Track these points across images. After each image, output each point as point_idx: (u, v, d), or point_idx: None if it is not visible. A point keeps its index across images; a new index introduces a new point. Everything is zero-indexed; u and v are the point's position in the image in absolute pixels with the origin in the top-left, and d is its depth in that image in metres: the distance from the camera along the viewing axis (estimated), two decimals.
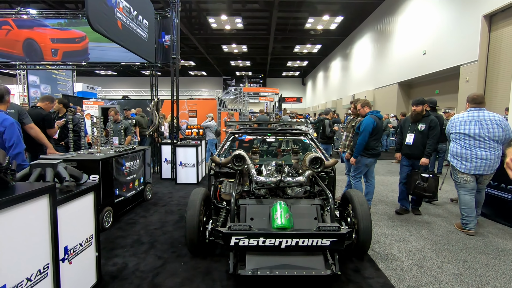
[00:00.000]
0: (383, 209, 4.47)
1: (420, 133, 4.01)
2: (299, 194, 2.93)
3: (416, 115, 4.10)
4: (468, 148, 3.41)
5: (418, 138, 4.02)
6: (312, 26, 17.19)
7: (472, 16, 8.38)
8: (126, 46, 4.54)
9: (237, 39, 20.01)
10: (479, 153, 3.35)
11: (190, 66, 28.66)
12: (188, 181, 6.07)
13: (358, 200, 2.77)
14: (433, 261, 2.85)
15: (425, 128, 3.98)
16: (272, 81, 33.92)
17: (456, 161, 3.51)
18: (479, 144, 3.35)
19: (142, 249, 3.05)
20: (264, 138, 4.41)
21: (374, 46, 15.80)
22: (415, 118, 4.11)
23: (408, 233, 3.53)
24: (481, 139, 3.34)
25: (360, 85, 17.54)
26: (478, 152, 3.35)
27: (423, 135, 3.98)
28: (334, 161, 3.24)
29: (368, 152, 4.13)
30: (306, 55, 24.82)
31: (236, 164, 2.95)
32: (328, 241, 2.25)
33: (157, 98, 7.11)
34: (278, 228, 2.32)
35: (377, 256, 2.94)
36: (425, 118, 4.03)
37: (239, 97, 12.95)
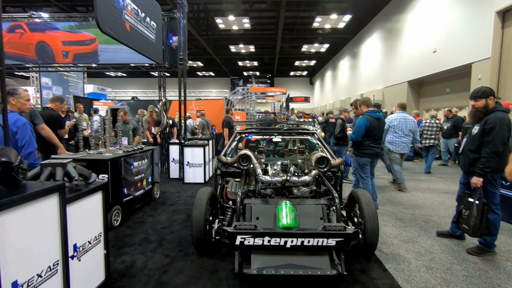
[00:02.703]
0: (391, 209, 4.41)
1: (471, 138, 2.93)
2: (305, 193, 2.92)
3: (475, 113, 2.95)
4: (398, 137, 5.29)
5: (469, 144, 2.99)
6: (320, 25, 17.06)
7: (485, 12, 8.18)
8: (134, 47, 4.61)
9: (244, 39, 20.05)
10: (404, 139, 5.28)
11: (198, 66, 28.86)
12: (195, 181, 6.12)
13: (365, 200, 2.74)
14: (442, 262, 2.80)
15: (478, 131, 2.85)
16: (280, 81, 33.84)
17: (391, 145, 5.35)
18: (403, 134, 5.26)
19: (150, 248, 3.09)
20: (270, 138, 4.41)
21: (383, 44, 15.59)
22: (474, 117, 2.99)
23: (417, 234, 3.47)
24: (405, 131, 5.25)
25: (369, 84, 17.32)
26: (403, 139, 5.28)
27: (474, 140, 2.88)
28: (341, 161, 3.22)
29: (362, 151, 4.08)
30: (314, 55, 24.66)
31: (242, 164, 2.96)
32: (333, 241, 2.24)
33: (165, 98, 7.19)
34: (283, 228, 2.32)
35: (384, 256, 2.91)
36: (488, 117, 2.81)
37: (246, 97, 12.97)
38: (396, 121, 5.28)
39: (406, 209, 4.42)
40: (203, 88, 32.48)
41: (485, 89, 2.88)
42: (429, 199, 5.00)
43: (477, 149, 2.85)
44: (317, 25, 17.03)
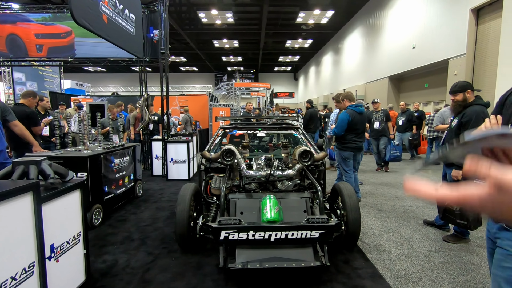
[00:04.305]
0: (373, 201, 4.54)
1: (450, 130, 3.05)
2: (289, 187, 2.94)
3: (454, 107, 3.01)
4: None
5: (448, 137, 3.11)
6: (303, 20, 17.13)
7: (460, 9, 8.47)
8: (113, 40, 4.45)
9: (228, 34, 19.84)
10: None
11: (181, 61, 28.34)
12: (179, 177, 6.04)
13: (347, 193, 2.80)
14: (421, 250, 2.91)
15: (456, 124, 2.92)
16: (264, 76, 33.81)
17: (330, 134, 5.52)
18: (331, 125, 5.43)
19: (133, 246, 3.03)
20: (254, 133, 4.40)
21: (364, 40, 15.86)
22: (454, 111, 3.05)
23: (397, 224, 3.59)
24: None
25: (352, 79, 17.63)
26: None
27: (452, 133, 2.98)
28: (324, 154, 3.27)
29: (345, 145, 4.16)
30: (297, 50, 24.77)
31: (226, 159, 2.94)
32: (317, 233, 2.27)
33: (147, 94, 7.02)
34: (267, 222, 2.33)
35: (366, 247, 2.99)
36: (466, 110, 2.87)
37: (230, 92, 12.88)
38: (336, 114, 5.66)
39: (386, 200, 4.56)
40: (187, 84, 31.97)
41: (462, 83, 2.97)
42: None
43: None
44: (301, 20, 17.09)
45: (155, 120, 7.28)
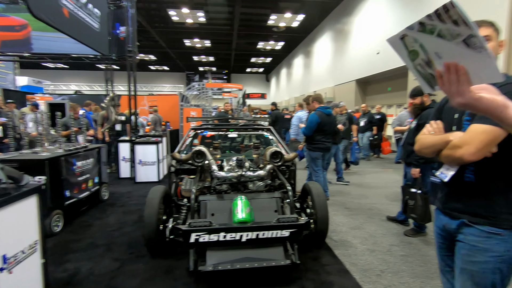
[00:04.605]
0: (341, 199, 4.72)
1: (410, 131, 3.30)
2: (260, 188, 2.97)
3: (413, 109, 3.28)
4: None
5: (407, 138, 3.35)
6: (275, 23, 17.38)
7: (418, 18, 9.10)
8: (74, 36, 4.21)
9: (199, 34, 19.55)
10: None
11: (150, 60, 27.42)
12: (148, 180, 5.84)
13: (316, 192, 2.90)
14: (383, 244, 3.08)
15: (414, 126, 3.17)
16: (237, 77, 33.78)
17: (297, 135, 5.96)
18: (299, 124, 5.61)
19: (97, 252, 2.88)
20: (226, 134, 4.39)
21: (333, 44, 16.46)
22: (413, 114, 3.31)
23: (363, 221, 3.77)
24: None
25: (321, 82, 18.19)
26: None
27: (411, 134, 3.22)
28: (294, 155, 3.34)
29: (314, 146, 4.29)
30: (269, 52, 25.06)
31: (197, 160, 2.91)
32: (287, 232, 2.32)
33: (113, 93, 6.71)
34: (239, 222, 2.34)
35: (334, 243, 3.11)
36: (423, 112, 3.12)
37: (202, 92, 12.70)
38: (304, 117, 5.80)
39: (353, 199, 4.77)
40: (157, 83, 30.99)
41: (419, 88, 3.18)
42: (374, 188, 5.45)
43: (413, 142, 3.12)
44: (272, 22, 17.31)
45: (122, 120, 6.98)
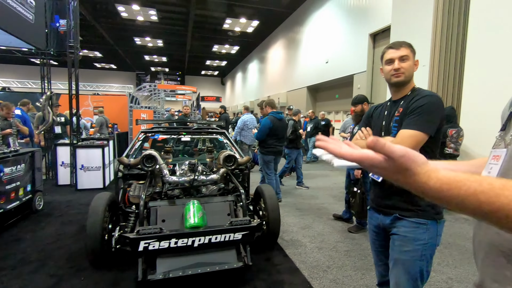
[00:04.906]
0: (292, 201, 4.92)
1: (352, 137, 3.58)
2: (213, 192, 2.97)
3: (355, 116, 3.62)
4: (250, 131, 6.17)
5: None
6: (230, 27, 17.48)
7: (362, 34, 9.97)
8: (2, 26, 3.74)
9: (151, 32, 18.75)
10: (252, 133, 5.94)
11: (95, 57, 25.43)
12: (92, 187, 5.39)
13: (268, 194, 2.99)
14: (330, 242, 3.30)
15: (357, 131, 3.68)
16: (191, 79, 33.07)
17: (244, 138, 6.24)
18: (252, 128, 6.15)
19: (29, 269, 2.58)
20: (179, 137, 4.29)
21: (286, 52, 17.12)
22: (355, 120, 3.64)
23: (312, 220, 3.99)
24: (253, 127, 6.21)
25: (275, 87, 18.76)
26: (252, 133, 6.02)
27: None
28: (248, 159, 3.40)
29: (266, 149, 4.43)
30: (224, 55, 25.08)
31: (147, 165, 2.79)
32: (240, 235, 2.36)
33: (50, 91, 6.08)
34: (191, 228, 2.31)
35: (285, 243, 3.23)
36: None
37: (153, 94, 12.17)
38: (249, 120, 6.30)
39: (304, 200, 5.01)
40: (103, 82, 28.75)
41: (360, 96, 3.57)
42: (322, 189, 5.79)
43: None
44: (228, 27, 17.39)
45: (61, 122, 6.36)
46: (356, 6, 10.54)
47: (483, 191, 0.42)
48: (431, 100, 1.36)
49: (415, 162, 0.48)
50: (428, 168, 0.47)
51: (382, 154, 0.49)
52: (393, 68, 1.47)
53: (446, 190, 0.45)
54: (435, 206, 1.39)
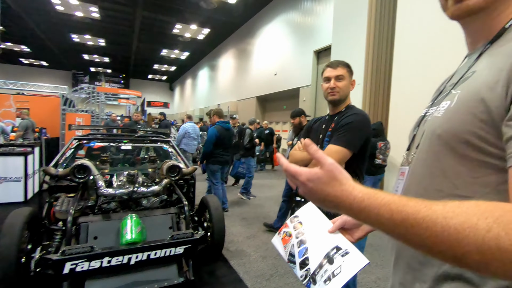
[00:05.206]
0: (239, 210, 4.93)
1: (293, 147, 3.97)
2: (154, 204, 2.82)
3: (294, 128, 3.88)
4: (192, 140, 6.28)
5: None
6: (180, 32, 17.12)
7: (307, 50, 10.66)
8: None
9: (92, 30, 17.33)
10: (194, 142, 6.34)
11: (22, 52, 22.48)
12: (10, 200, 4.66)
13: (213, 205, 2.95)
14: (274, 250, 3.37)
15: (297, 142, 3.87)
16: (136, 82, 31.30)
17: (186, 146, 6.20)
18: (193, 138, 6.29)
19: None
20: (118, 145, 4.00)
21: (237, 61, 17.38)
22: (294, 132, 3.90)
23: (257, 229, 4.04)
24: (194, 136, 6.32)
25: (225, 96, 18.82)
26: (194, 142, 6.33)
27: None
28: (193, 169, 3.32)
29: (213, 159, 4.40)
30: (174, 60, 24.39)
31: (78, 176, 2.53)
32: (181, 249, 2.28)
33: None
34: (127, 244, 2.15)
35: (230, 254, 3.21)
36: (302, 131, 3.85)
37: (92, 97, 11.18)
38: (190, 128, 6.33)
39: (250, 209, 5.06)
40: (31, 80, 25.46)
41: (298, 110, 3.88)
42: (268, 198, 5.92)
43: None
44: (177, 32, 17.01)
45: None
46: (302, 24, 11.26)
47: (394, 201, 0.44)
48: (357, 118, 1.49)
49: (342, 173, 0.51)
50: (352, 181, 0.51)
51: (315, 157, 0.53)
52: (329, 86, 1.57)
53: (366, 199, 0.46)
54: None
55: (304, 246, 0.73)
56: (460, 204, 0.40)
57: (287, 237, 0.78)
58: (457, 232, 0.37)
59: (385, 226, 0.45)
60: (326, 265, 0.65)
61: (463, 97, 0.54)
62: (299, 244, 0.74)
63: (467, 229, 0.37)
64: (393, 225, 0.43)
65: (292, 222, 0.82)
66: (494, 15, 0.56)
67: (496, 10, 0.55)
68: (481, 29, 0.59)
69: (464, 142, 0.51)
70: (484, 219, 0.37)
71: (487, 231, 0.36)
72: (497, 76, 0.48)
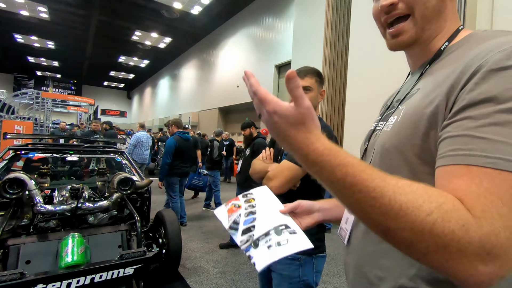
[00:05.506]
0: (199, 224, 4.75)
1: (245, 158, 3.66)
2: (103, 221, 2.58)
3: (245, 140, 3.92)
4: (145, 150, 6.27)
5: (244, 165, 3.65)
6: (140, 39, 16.55)
7: (268, 64, 10.95)
8: None
9: (39, 31, 15.96)
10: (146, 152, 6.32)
11: None
12: None
13: (169, 219, 2.79)
14: (233, 265, 3.28)
15: (249, 153, 3.59)
16: (90, 89, 29.34)
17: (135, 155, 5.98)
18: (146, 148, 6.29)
19: None
20: (63, 156, 3.64)
21: (199, 72, 17.22)
22: (245, 143, 3.92)
23: (217, 243, 3.91)
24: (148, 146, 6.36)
25: (187, 106, 18.44)
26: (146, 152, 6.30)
27: (247, 160, 3.57)
28: (148, 181, 3.13)
29: (171, 171, 4.22)
30: (132, 68, 23.40)
31: (10, 191, 2.23)
32: (131, 269, 2.09)
33: None
34: (67, 267, 1.91)
35: (187, 272, 3.04)
36: (254, 142, 3.70)
37: (36, 103, 10.18)
38: (144, 137, 6.24)
39: (210, 222, 4.91)
40: None
41: (247, 121, 4.00)
42: None
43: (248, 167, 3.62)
44: (137, 39, 16.42)
45: None
46: (264, 39, 11.59)
47: (353, 164, 0.43)
48: None
49: (313, 121, 0.48)
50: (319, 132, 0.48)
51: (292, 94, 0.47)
52: None
53: (326, 155, 0.44)
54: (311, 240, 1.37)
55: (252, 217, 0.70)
56: (411, 184, 0.41)
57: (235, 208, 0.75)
58: (400, 208, 0.39)
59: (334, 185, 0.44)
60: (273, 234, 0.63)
61: (408, 112, 0.57)
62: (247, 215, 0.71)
63: (410, 207, 0.38)
64: (341, 186, 0.43)
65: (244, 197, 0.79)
66: (428, 41, 0.62)
67: (430, 38, 0.62)
68: (419, 53, 0.65)
69: (411, 155, 0.54)
70: (428, 203, 0.39)
71: (427, 214, 0.38)
72: (438, 92, 0.51)
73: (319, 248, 1.32)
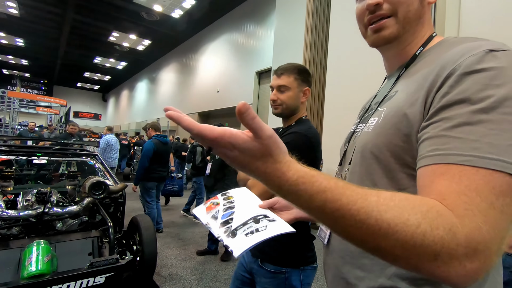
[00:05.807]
0: (175, 230, 4.62)
1: (215, 161, 3.64)
2: (72, 227, 2.44)
3: None
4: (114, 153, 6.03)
5: (214, 167, 3.64)
6: (117, 41, 16.11)
7: (249, 70, 11.02)
8: None
9: (7, 27, 15.10)
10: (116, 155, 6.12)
11: None
12: None
13: (144, 225, 2.68)
14: (211, 271, 3.21)
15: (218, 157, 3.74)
16: (62, 90, 28.04)
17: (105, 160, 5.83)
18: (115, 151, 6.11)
19: None
20: (30, 159, 3.42)
21: (179, 76, 16.99)
22: None
23: (194, 250, 3.81)
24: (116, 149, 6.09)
25: None
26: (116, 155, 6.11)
27: (218, 164, 3.57)
28: (123, 186, 3.01)
29: (149, 175, 4.07)
30: (109, 69, 22.67)
31: None
32: (102, 278, 1.98)
33: None
34: (30, 277, 1.78)
35: (162, 279, 2.93)
36: None
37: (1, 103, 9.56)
38: (113, 141, 6.10)
39: (187, 228, 4.78)
40: None
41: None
42: None
43: (218, 170, 3.56)
44: (114, 40, 15.98)
45: None
46: (245, 45, 11.67)
47: (330, 188, 0.40)
48: (294, 137, 1.25)
49: (279, 148, 0.43)
50: (288, 158, 0.44)
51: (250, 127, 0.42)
52: (271, 98, 1.32)
53: (301, 183, 0.41)
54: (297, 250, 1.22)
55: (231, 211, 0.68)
56: (393, 196, 0.40)
57: (213, 205, 0.73)
58: (389, 227, 0.38)
59: (313, 212, 0.42)
60: (251, 223, 0.61)
61: (388, 114, 0.59)
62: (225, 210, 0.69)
63: (399, 224, 0.38)
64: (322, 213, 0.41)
65: (222, 195, 0.78)
66: (405, 44, 0.66)
67: (407, 41, 0.65)
68: (396, 55, 0.69)
69: (391, 156, 0.55)
70: (414, 214, 0.38)
71: (416, 226, 0.37)
72: (417, 94, 0.53)
73: (308, 259, 1.24)
